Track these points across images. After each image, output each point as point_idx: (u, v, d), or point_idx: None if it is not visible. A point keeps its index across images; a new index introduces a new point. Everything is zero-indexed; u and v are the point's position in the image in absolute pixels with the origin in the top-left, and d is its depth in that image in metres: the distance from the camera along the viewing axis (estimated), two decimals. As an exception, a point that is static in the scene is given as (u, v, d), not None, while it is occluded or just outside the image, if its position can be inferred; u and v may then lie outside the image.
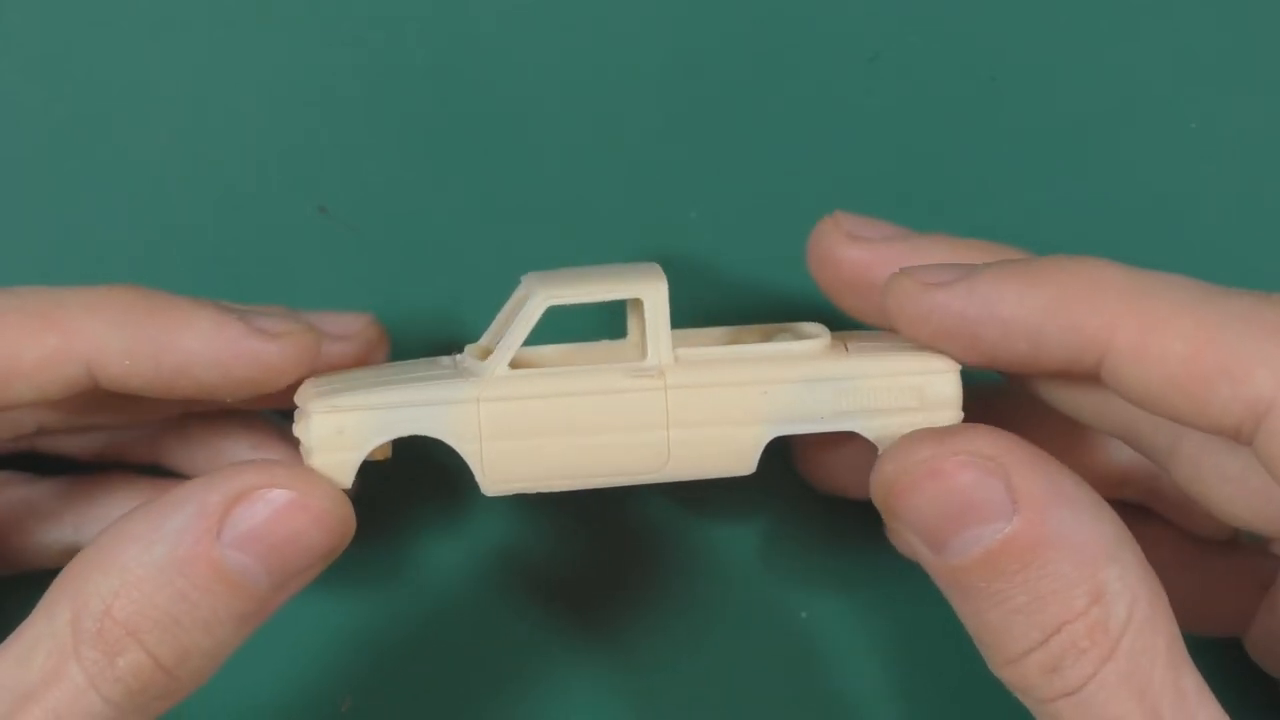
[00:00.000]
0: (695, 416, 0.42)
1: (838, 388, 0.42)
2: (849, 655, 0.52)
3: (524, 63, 0.51)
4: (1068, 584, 0.39)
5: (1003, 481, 0.39)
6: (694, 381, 0.42)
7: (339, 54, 0.51)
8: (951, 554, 0.39)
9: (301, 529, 0.40)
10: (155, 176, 0.51)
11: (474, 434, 0.42)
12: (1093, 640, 0.38)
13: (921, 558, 0.40)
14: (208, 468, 0.48)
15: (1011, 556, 0.39)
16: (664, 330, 0.42)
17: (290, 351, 0.42)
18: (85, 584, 0.39)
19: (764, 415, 0.42)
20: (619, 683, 0.52)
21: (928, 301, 0.42)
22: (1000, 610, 0.39)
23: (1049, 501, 0.39)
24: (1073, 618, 0.38)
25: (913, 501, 0.40)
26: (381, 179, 0.51)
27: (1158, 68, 0.52)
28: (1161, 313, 0.40)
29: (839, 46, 0.51)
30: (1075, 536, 0.39)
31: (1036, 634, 0.39)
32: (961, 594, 0.40)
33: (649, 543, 0.52)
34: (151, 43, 0.51)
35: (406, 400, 0.42)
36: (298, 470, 0.41)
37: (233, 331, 0.42)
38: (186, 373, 0.42)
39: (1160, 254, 0.52)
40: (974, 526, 0.39)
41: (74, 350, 0.42)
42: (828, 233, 0.45)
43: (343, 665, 0.51)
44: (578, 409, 0.42)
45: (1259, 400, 0.39)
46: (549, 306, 0.42)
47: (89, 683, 0.39)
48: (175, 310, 0.42)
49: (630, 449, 0.42)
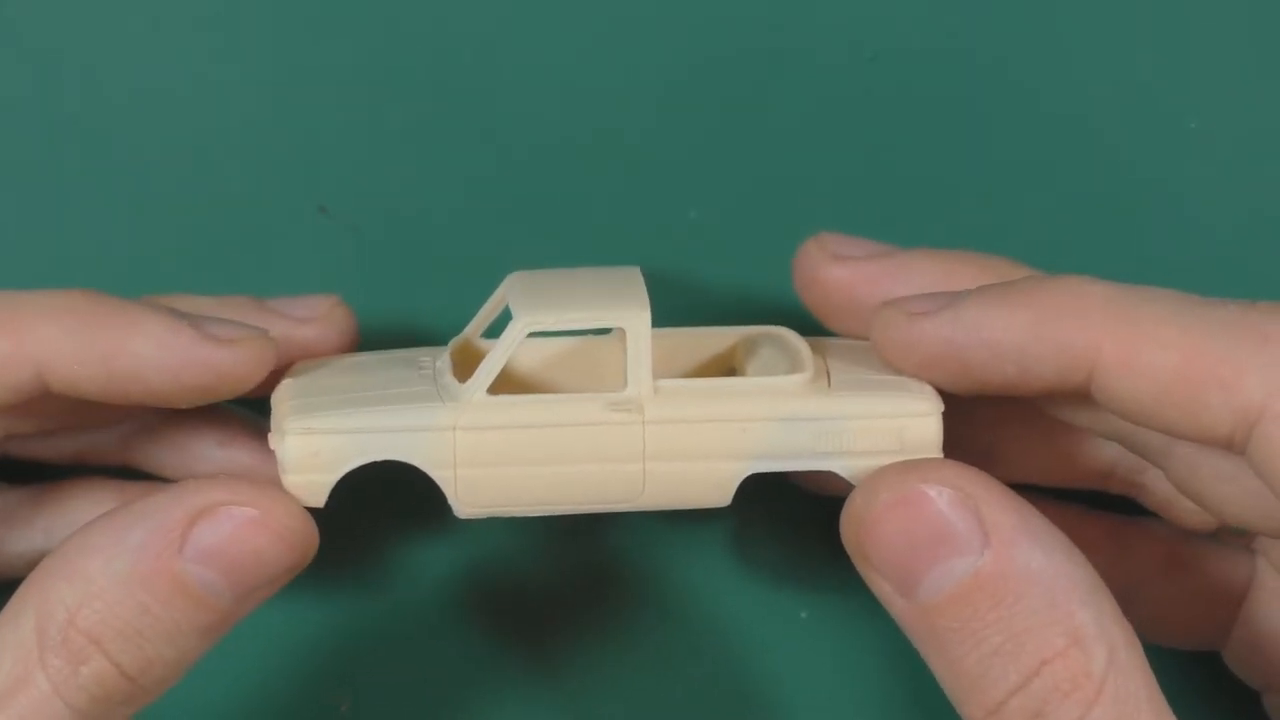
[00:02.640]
0: (673, 450, 0.42)
1: (817, 428, 0.42)
2: (849, 655, 0.52)
3: (523, 62, 0.51)
4: (1043, 622, 0.38)
5: (973, 513, 0.39)
6: (673, 416, 0.42)
7: (339, 54, 0.51)
8: (923, 593, 0.39)
9: (263, 546, 0.40)
10: (155, 176, 0.51)
11: (449, 461, 0.42)
12: (1075, 683, 0.38)
13: (894, 608, 0.40)
14: (177, 466, 0.48)
15: (985, 591, 0.38)
16: (645, 360, 0.42)
17: (243, 358, 0.42)
18: (50, 592, 0.40)
19: (742, 452, 0.42)
20: (618, 682, 0.52)
21: (914, 331, 0.42)
22: (976, 654, 0.38)
23: (1020, 536, 0.39)
24: (1052, 657, 0.38)
25: (882, 534, 0.39)
26: (381, 179, 0.51)
27: (1158, 68, 0.52)
28: (1147, 325, 0.40)
29: (839, 46, 0.51)
30: (1047, 573, 0.38)
31: (1015, 676, 0.38)
32: (936, 642, 0.39)
33: (648, 543, 0.52)
34: (151, 42, 0.51)
35: (382, 425, 0.41)
36: (261, 487, 0.41)
37: (184, 338, 0.42)
38: (137, 378, 0.42)
39: (1160, 254, 0.52)
40: (945, 560, 0.39)
41: (24, 354, 0.42)
42: (812, 254, 0.45)
43: (341, 666, 0.51)
44: (555, 439, 0.42)
45: (1250, 407, 0.39)
46: (530, 333, 0.42)
47: (54, 690, 0.39)
48: (125, 315, 0.42)
49: (606, 479, 0.42)
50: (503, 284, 0.44)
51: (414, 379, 0.43)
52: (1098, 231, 0.52)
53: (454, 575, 0.52)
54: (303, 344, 0.46)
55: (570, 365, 0.46)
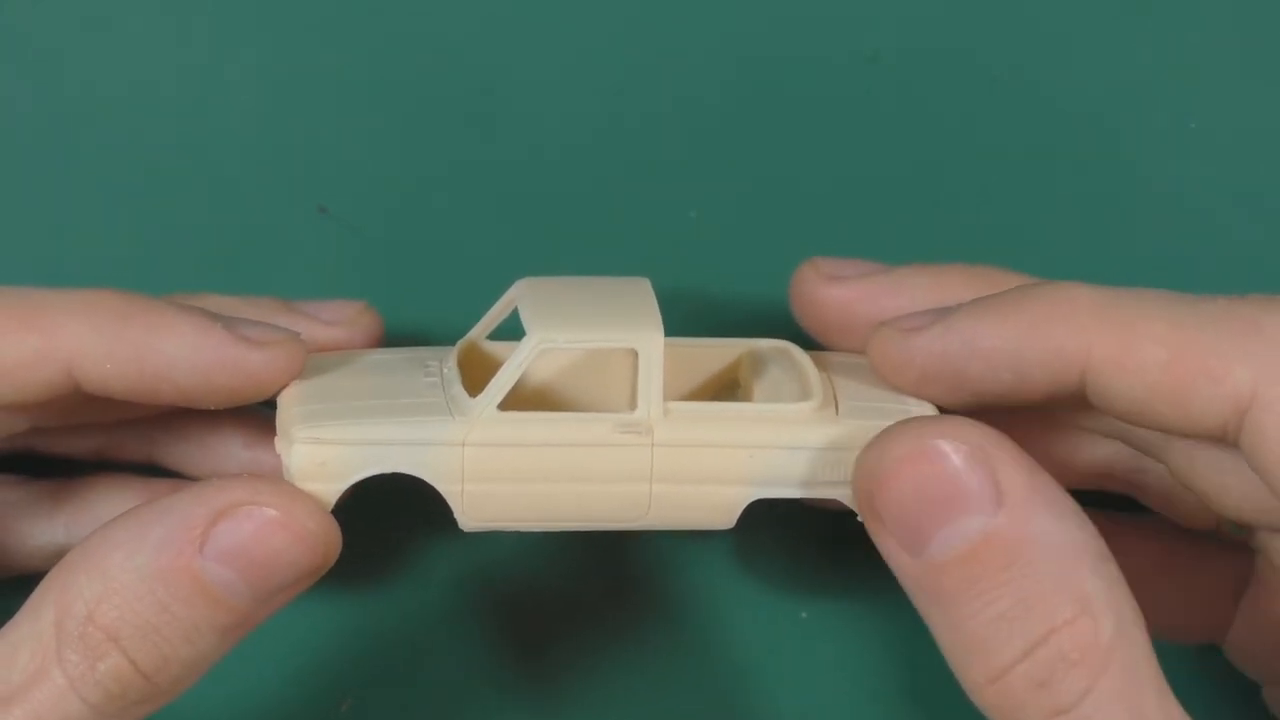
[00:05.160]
0: (679, 473, 0.42)
1: (824, 457, 0.42)
2: (849, 655, 0.52)
3: (524, 62, 0.51)
4: (1053, 588, 0.38)
5: (988, 472, 0.38)
6: (681, 440, 0.42)
7: (339, 54, 0.51)
8: (933, 550, 0.38)
9: (283, 548, 0.40)
10: (155, 176, 0.51)
11: (456, 476, 0.42)
12: (1083, 653, 0.37)
13: (901, 567, 0.40)
14: (202, 464, 0.48)
15: (996, 552, 0.38)
16: (656, 382, 0.42)
17: (275, 361, 0.42)
18: (70, 587, 0.39)
19: (748, 477, 0.42)
20: (618, 682, 0.52)
21: (909, 347, 0.42)
22: (982, 618, 0.38)
23: (1034, 499, 0.38)
24: (1060, 625, 0.37)
25: (895, 489, 0.39)
26: (381, 179, 0.51)
27: (1158, 67, 0.52)
28: (1136, 323, 0.40)
29: (839, 46, 0.51)
30: (1059, 539, 0.38)
31: (1021, 642, 0.38)
32: (942, 604, 0.39)
33: (651, 545, 0.52)
34: (151, 42, 0.51)
35: (391, 438, 0.41)
36: (284, 488, 0.41)
37: (216, 339, 0.42)
38: (168, 379, 0.42)
39: (1159, 254, 0.52)
40: (957, 518, 0.38)
41: (54, 352, 0.42)
42: (807, 278, 0.46)
43: (342, 666, 0.51)
44: (563, 459, 0.42)
45: (1240, 396, 0.39)
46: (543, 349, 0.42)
47: (70, 685, 0.39)
48: (158, 315, 0.42)
49: (612, 499, 0.42)
50: (511, 289, 0.44)
51: (423, 387, 0.43)
52: (1098, 231, 0.52)
53: (457, 578, 0.52)
54: (330, 348, 0.45)
55: (582, 372, 0.46)
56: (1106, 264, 0.51)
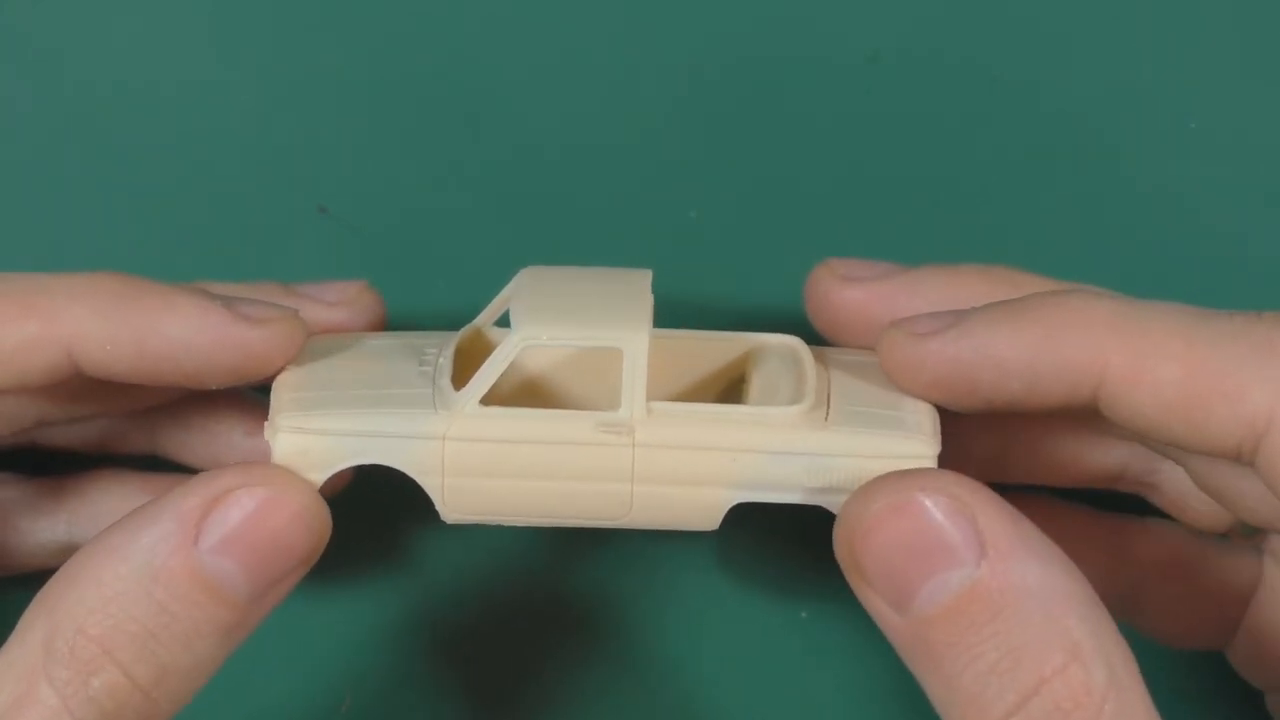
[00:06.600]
0: (661, 474, 0.42)
1: (809, 463, 0.42)
2: (849, 655, 0.52)
3: (524, 62, 0.51)
4: (1041, 637, 0.37)
5: (970, 523, 0.38)
6: (663, 441, 0.42)
7: (339, 54, 0.51)
8: (919, 605, 0.38)
9: (279, 527, 0.40)
10: (155, 176, 0.51)
11: (437, 469, 0.42)
12: (1076, 702, 0.37)
13: (889, 626, 0.39)
14: (204, 453, 0.48)
15: (981, 604, 0.37)
16: (640, 382, 0.41)
17: (275, 338, 0.42)
18: (60, 602, 0.38)
19: (730, 481, 0.42)
20: (618, 681, 0.52)
21: (921, 351, 0.41)
22: (972, 671, 0.37)
23: (1017, 548, 0.38)
24: (1051, 675, 0.37)
25: (878, 543, 0.39)
26: (381, 179, 0.51)
27: (1158, 67, 0.52)
28: (1152, 339, 0.40)
29: (839, 46, 0.51)
30: (1044, 587, 0.38)
31: (1014, 696, 0.37)
32: (931, 660, 0.38)
33: (647, 541, 0.52)
34: (151, 42, 0.51)
35: (373, 429, 0.41)
36: (274, 469, 0.41)
37: (216, 318, 0.42)
38: (170, 359, 0.42)
39: (1160, 255, 0.52)
40: (941, 572, 0.38)
41: (54, 336, 0.42)
42: (822, 279, 0.45)
43: (342, 665, 0.51)
44: (543, 456, 0.41)
45: (1257, 418, 0.39)
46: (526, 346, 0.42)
47: (62, 704, 0.38)
48: (158, 296, 0.42)
49: (593, 497, 0.42)
50: (515, 278, 0.44)
51: (414, 377, 0.43)
52: (1098, 232, 0.52)
53: (455, 576, 0.52)
54: (332, 327, 0.45)
55: (576, 365, 0.45)
56: (1106, 264, 0.51)
